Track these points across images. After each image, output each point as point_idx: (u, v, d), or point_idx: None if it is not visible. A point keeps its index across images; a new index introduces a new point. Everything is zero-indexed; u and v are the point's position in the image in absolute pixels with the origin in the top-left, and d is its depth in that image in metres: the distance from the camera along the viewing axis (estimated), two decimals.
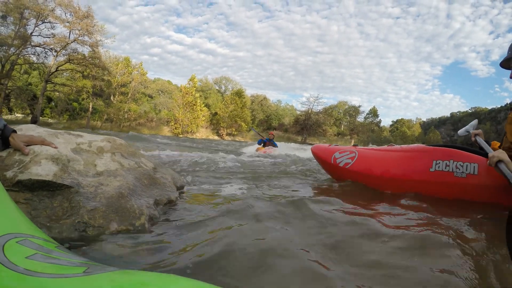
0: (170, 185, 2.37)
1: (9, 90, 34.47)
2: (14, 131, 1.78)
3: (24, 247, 0.91)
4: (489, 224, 2.39)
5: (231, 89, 68.40)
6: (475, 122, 3.61)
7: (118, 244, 1.47)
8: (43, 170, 1.66)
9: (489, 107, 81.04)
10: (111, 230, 1.58)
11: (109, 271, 0.84)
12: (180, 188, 2.68)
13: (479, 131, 3.30)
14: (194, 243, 1.59)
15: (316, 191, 3.70)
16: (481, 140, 3.14)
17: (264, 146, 13.63)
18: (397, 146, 3.98)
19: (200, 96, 58.76)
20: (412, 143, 63.91)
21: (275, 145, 13.81)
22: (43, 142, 1.87)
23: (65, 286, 0.76)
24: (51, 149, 1.84)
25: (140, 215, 1.76)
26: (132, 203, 1.78)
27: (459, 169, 3.10)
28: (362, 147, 4.25)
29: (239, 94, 60.95)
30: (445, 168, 3.18)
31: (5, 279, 0.76)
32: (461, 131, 3.62)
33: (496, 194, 2.95)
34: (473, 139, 3.26)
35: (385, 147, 4.11)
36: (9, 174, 1.63)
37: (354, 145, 4.42)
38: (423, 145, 3.58)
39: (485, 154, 3.04)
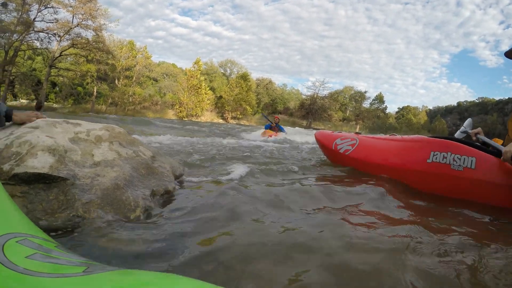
0: (168, 175, 2.36)
1: (14, 76, 34.40)
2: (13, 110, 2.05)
3: (23, 246, 0.92)
4: None
5: (236, 72, 67.67)
6: (469, 121, 3.54)
7: (111, 238, 1.47)
8: (39, 163, 1.66)
9: (497, 98, 79.44)
10: (105, 223, 1.58)
11: (109, 271, 0.85)
12: (179, 177, 2.67)
13: (479, 129, 3.26)
14: (188, 236, 1.57)
15: (315, 178, 3.68)
16: (484, 138, 3.11)
17: (271, 130, 13.38)
18: (398, 136, 3.97)
19: (205, 79, 58.22)
20: (417, 131, 63.52)
21: (281, 130, 13.65)
22: (37, 116, 2.17)
23: (64, 285, 0.76)
24: (48, 139, 1.84)
25: (136, 207, 1.75)
26: (128, 195, 1.77)
27: (456, 162, 3.05)
28: (365, 135, 4.30)
29: (244, 77, 60.36)
30: (442, 160, 3.13)
31: (5, 279, 0.77)
32: (457, 134, 3.54)
33: (491, 192, 2.89)
34: (474, 138, 3.22)
35: (386, 136, 4.15)
36: (5, 167, 1.63)
37: (357, 133, 4.56)
38: (423, 136, 3.56)
39: (484, 149, 3.02)
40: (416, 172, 3.31)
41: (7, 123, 2.09)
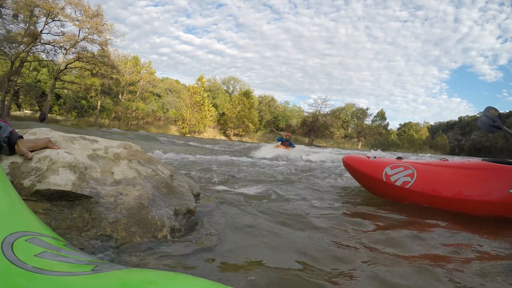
0: (187, 194, 2.33)
1: (18, 87, 34.65)
2: (21, 137, 1.77)
3: (33, 245, 0.93)
4: None
5: (239, 89, 68.19)
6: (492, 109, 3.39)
7: (143, 257, 1.45)
8: (62, 180, 1.62)
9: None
10: (134, 243, 1.55)
11: (117, 269, 0.86)
12: (196, 196, 2.64)
13: None
14: (216, 255, 1.58)
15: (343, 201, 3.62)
16: None
17: (282, 144, 14.85)
18: (454, 161, 3.61)
19: (208, 96, 58.74)
20: (419, 147, 63.06)
21: (291, 145, 15.18)
22: (47, 145, 1.86)
23: (73, 283, 0.78)
24: (68, 156, 1.80)
25: (162, 226, 1.73)
26: (153, 214, 1.75)
27: None
28: (413, 160, 3.80)
29: (247, 94, 60.72)
30: None
31: (14, 277, 0.78)
32: (486, 126, 3.41)
33: None
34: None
35: (437, 161, 3.69)
36: (26, 182, 1.60)
37: (398, 158, 3.95)
38: (490, 163, 3.28)
39: None
40: (499, 205, 3.07)
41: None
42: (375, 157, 3.96)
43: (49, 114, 36.60)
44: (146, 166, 2.25)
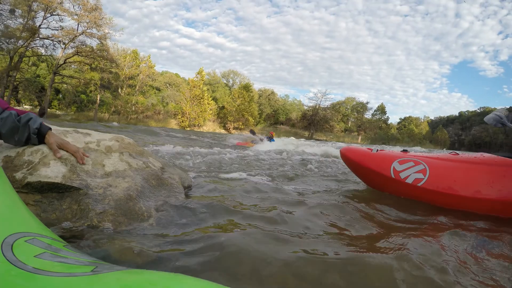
0: (177, 186, 2.37)
1: (18, 82, 34.64)
2: (50, 129, 1.82)
3: (32, 246, 0.93)
4: None
5: (238, 83, 68.05)
6: (504, 110, 3.19)
7: (127, 247, 1.47)
8: (52, 172, 1.66)
9: (498, 107, 78.40)
10: (120, 232, 1.59)
11: (117, 270, 0.86)
12: (187, 188, 2.67)
13: None
14: (201, 245, 1.57)
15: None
16: None
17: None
18: (466, 156, 3.30)
19: (208, 89, 58.55)
20: (419, 142, 62.60)
21: (271, 141, 15.48)
22: (75, 153, 1.86)
23: (73, 284, 0.77)
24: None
25: (149, 217, 1.77)
26: (141, 205, 1.79)
27: None
28: (421, 154, 3.47)
29: (246, 88, 60.48)
30: None
31: (14, 277, 0.77)
32: (491, 121, 3.18)
33: None
34: None
35: (448, 155, 3.35)
36: (18, 175, 1.64)
37: (403, 151, 3.59)
38: (503, 158, 3.00)
39: None
40: None
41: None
42: (377, 150, 3.60)
43: (48, 109, 36.61)
44: (137, 158, 2.29)
